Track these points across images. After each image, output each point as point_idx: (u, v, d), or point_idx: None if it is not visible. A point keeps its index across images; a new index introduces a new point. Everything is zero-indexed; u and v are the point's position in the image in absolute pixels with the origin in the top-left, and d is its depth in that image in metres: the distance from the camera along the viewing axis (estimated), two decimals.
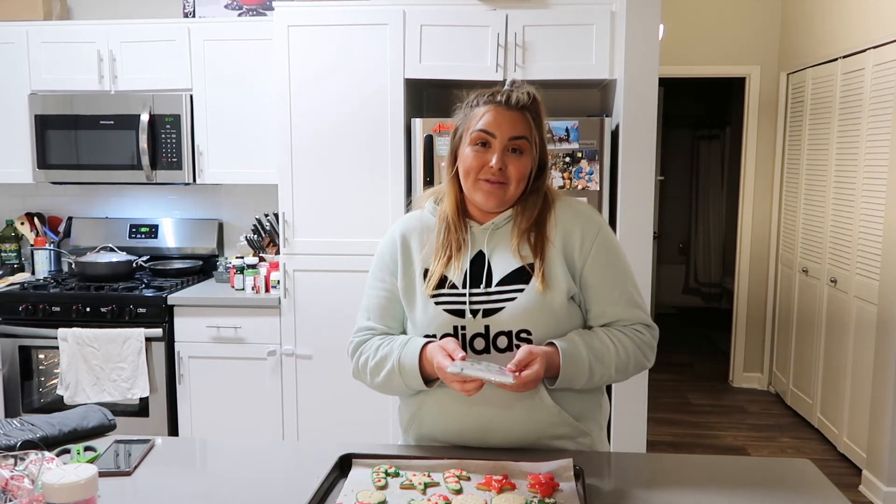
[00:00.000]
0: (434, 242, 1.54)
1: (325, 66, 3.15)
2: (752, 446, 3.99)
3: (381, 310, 1.58)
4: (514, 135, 1.47)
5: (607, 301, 1.51)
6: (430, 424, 1.54)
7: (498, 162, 1.46)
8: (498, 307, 1.46)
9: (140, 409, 3.31)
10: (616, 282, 1.52)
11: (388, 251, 1.59)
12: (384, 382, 1.52)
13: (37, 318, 3.29)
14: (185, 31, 3.39)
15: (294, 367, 3.28)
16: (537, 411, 1.47)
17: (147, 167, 3.41)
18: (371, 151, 3.17)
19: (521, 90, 1.50)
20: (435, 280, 1.50)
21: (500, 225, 1.54)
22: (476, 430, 1.49)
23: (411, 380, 1.47)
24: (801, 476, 1.43)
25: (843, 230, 3.75)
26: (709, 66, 4.77)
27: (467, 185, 1.51)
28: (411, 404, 1.56)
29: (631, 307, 1.52)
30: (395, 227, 1.62)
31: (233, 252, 3.79)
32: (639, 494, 1.34)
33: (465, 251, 1.52)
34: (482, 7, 3.10)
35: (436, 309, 1.49)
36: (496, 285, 1.48)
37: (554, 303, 1.46)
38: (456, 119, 1.55)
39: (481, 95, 1.51)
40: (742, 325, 4.97)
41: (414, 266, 1.55)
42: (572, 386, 1.46)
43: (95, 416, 1.69)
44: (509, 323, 1.45)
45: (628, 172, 3.04)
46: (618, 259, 1.54)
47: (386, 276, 1.58)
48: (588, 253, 1.50)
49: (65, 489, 1.12)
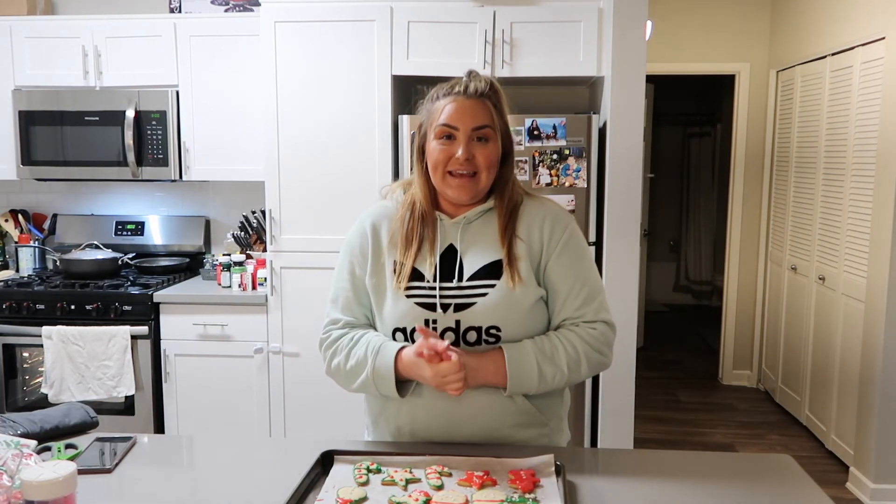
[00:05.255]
0: (401, 230, 1.54)
1: (312, 63, 3.14)
2: (740, 444, 4.00)
3: (349, 301, 1.57)
4: (476, 124, 1.47)
5: (569, 297, 1.51)
6: (397, 418, 1.53)
7: (464, 152, 1.46)
8: (469, 302, 1.47)
9: (126, 407, 3.29)
10: (578, 278, 1.52)
11: (358, 242, 1.58)
12: (358, 389, 1.53)
13: (21, 316, 3.26)
14: (171, 26, 3.36)
15: (281, 364, 3.27)
16: (503, 403, 1.48)
17: (133, 164, 3.38)
18: (358, 148, 3.16)
19: (478, 80, 1.50)
20: (406, 274, 1.50)
21: (471, 219, 1.54)
22: (443, 422, 1.49)
23: (386, 390, 1.48)
24: (782, 471, 1.43)
25: (832, 228, 3.76)
26: (699, 63, 4.78)
27: (436, 179, 1.51)
28: (379, 399, 1.56)
29: (590, 304, 1.51)
30: (364, 216, 1.61)
31: (220, 249, 3.77)
32: (618, 489, 1.34)
33: (435, 245, 1.52)
34: (470, 4, 3.10)
35: (407, 302, 1.48)
36: (467, 280, 1.48)
37: (525, 299, 1.47)
38: (419, 115, 1.56)
39: (440, 89, 1.52)
40: (731, 322, 4.99)
41: (384, 258, 1.54)
42: (526, 389, 1.46)
43: (78, 413, 1.68)
44: (480, 318, 1.46)
45: (616, 170, 3.04)
46: (583, 258, 1.54)
47: (355, 268, 1.57)
48: (554, 249, 1.51)
49: (43, 486, 1.10)
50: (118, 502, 1.35)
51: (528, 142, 3.04)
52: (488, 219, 1.54)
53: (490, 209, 1.54)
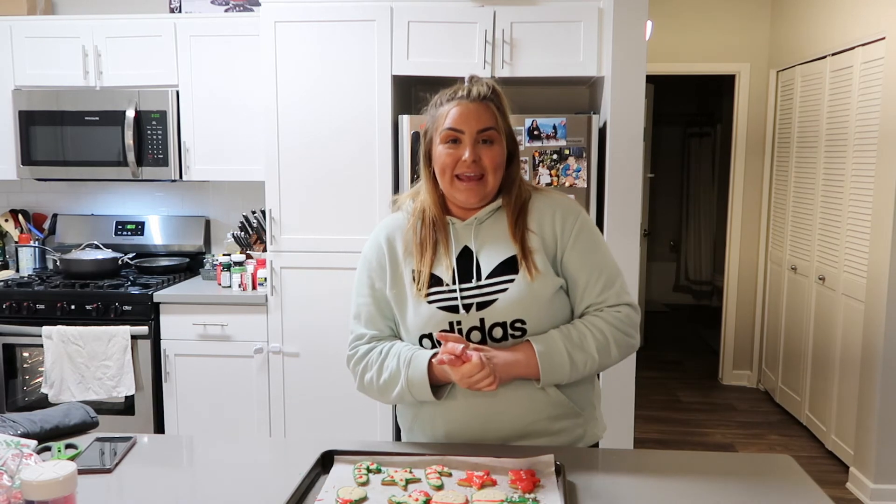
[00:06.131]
0: (414, 238, 1.56)
1: (312, 63, 3.14)
2: (740, 444, 4.00)
3: (371, 315, 1.58)
4: (481, 127, 1.49)
5: (588, 284, 1.52)
6: (432, 422, 1.55)
7: (471, 155, 1.48)
8: (491, 299, 1.48)
9: (126, 407, 3.29)
10: (595, 265, 1.53)
11: (375, 256, 1.60)
12: (395, 401, 1.55)
13: (21, 316, 3.26)
14: (172, 26, 3.36)
15: (281, 364, 3.26)
16: (536, 396, 1.49)
17: (133, 164, 3.38)
18: (358, 148, 3.16)
19: (480, 84, 1.53)
20: (425, 281, 1.51)
21: (483, 219, 1.56)
22: (479, 421, 1.51)
23: (423, 397, 1.49)
24: (782, 471, 1.43)
25: (832, 228, 3.76)
26: (699, 63, 4.78)
27: (444, 183, 1.53)
28: (411, 406, 1.58)
29: (610, 288, 1.53)
30: (378, 230, 1.63)
31: (220, 249, 3.77)
32: (618, 489, 1.34)
33: (450, 248, 1.53)
34: (470, 4, 3.09)
35: (429, 308, 1.50)
36: (486, 278, 1.50)
37: (545, 290, 1.49)
38: (423, 120, 1.58)
39: (443, 95, 1.55)
40: (731, 322, 4.99)
41: (401, 268, 1.56)
42: (559, 379, 1.47)
43: (78, 413, 1.68)
44: (503, 314, 1.47)
45: (616, 170, 3.04)
46: (597, 245, 1.56)
47: (374, 282, 1.58)
48: (568, 239, 1.53)
49: (43, 486, 1.10)
50: (118, 502, 1.35)
51: (528, 142, 3.04)
52: (499, 217, 1.56)
53: (499, 208, 1.56)
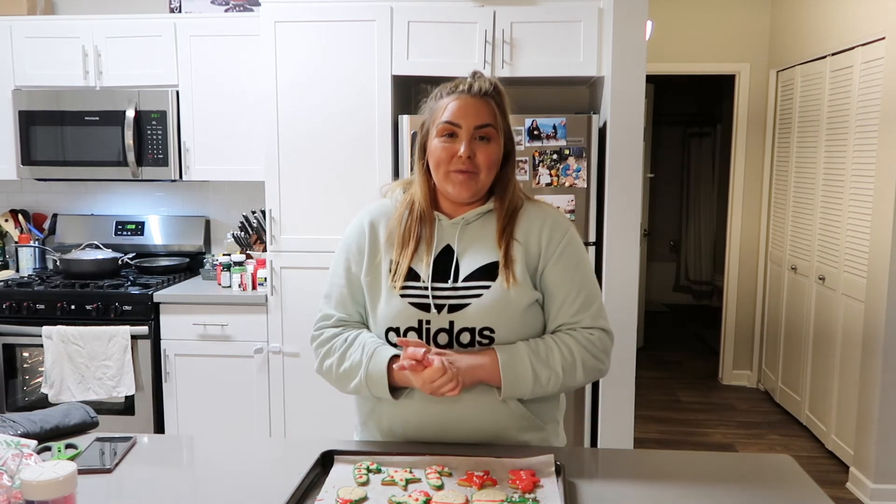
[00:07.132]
0: (398, 229, 1.53)
1: (312, 63, 3.14)
2: (740, 444, 4.00)
3: (343, 298, 1.57)
4: (479, 123, 1.47)
5: (566, 301, 1.50)
6: (389, 419, 1.52)
7: (466, 150, 1.46)
8: (464, 303, 1.46)
9: (126, 407, 3.29)
10: (576, 284, 1.51)
11: (355, 239, 1.58)
12: (352, 392, 1.53)
13: (21, 316, 3.26)
14: (172, 26, 3.36)
15: (281, 364, 3.27)
16: (497, 407, 1.47)
17: (133, 164, 3.38)
18: (358, 148, 3.16)
19: (482, 80, 1.51)
20: (402, 274, 1.49)
21: (470, 220, 1.53)
22: (436, 426, 1.48)
23: (380, 394, 1.47)
24: (782, 471, 1.43)
25: (832, 227, 3.76)
26: (699, 63, 4.78)
27: (438, 176, 1.50)
28: (369, 399, 1.55)
29: (587, 310, 1.50)
30: (363, 213, 1.61)
31: (220, 249, 3.77)
32: (618, 489, 1.34)
33: (432, 244, 1.51)
34: (470, 4, 3.10)
35: (401, 301, 1.48)
36: (462, 281, 1.48)
37: (520, 301, 1.46)
38: (422, 113, 1.56)
39: (444, 88, 1.52)
40: (731, 322, 4.98)
41: (380, 256, 1.54)
42: (520, 393, 1.45)
43: (78, 413, 1.68)
44: (474, 319, 1.45)
45: (616, 170, 3.04)
46: (581, 264, 1.53)
47: (351, 265, 1.56)
48: (553, 253, 1.51)
49: (43, 486, 1.10)
50: (118, 502, 1.35)
51: (528, 142, 3.04)
52: (487, 220, 1.53)
53: (489, 211, 1.54)
